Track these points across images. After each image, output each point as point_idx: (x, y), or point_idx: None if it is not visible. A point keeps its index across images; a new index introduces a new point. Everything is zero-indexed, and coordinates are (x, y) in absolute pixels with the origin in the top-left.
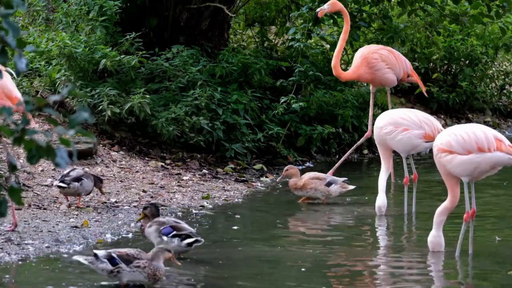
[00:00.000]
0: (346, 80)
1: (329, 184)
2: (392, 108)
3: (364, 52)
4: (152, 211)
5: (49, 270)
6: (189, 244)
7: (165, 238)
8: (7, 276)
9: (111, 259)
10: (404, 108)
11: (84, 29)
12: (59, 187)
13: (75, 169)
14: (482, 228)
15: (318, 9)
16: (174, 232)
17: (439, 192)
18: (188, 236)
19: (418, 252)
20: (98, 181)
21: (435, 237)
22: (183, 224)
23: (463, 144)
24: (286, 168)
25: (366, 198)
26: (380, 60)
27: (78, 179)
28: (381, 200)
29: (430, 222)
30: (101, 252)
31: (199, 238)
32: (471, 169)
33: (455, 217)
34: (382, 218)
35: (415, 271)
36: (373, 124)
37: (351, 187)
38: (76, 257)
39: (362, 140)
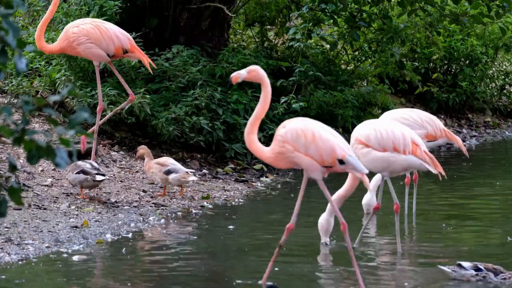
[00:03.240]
0: (51, 53)
1: (168, 172)
2: (392, 108)
3: (67, 26)
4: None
5: (49, 270)
6: None
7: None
8: (6, 276)
9: (476, 269)
10: (406, 108)
11: None
12: (99, 181)
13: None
14: (492, 229)
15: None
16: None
17: (440, 192)
18: None
19: (418, 252)
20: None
21: (326, 220)
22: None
23: (380, 140)
24: (138, 148)
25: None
26: (80, 35)
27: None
28: (367, 199)
29: (431, 222)
30: (466, 264)
31: None
32: (383, 167)
33: (453, 217)
34: (382, 218)
35: (415, 271)
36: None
37: (193, 178)
38: (439, 266)
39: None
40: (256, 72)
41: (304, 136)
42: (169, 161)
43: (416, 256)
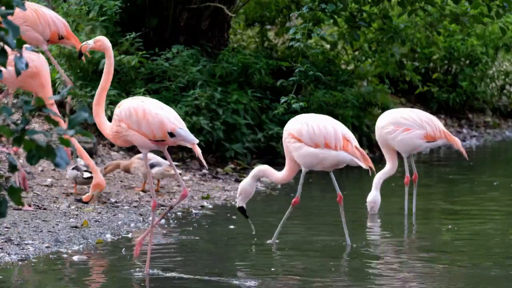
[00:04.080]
0: None
1: (151, 166)
2: (392, 108)
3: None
4: None
5: (49, 270)
6: None
7: None
8: (6, 276)
9: None
10: (405, 108)
11: (84, 29)
12: (86, 178)
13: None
14: (492, 229)
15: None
16: None
17: (439, 192)
18: None
19: (418, 252)
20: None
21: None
22: None
23: (312, 136)
24: (105, 166)
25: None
26: (16, 17)
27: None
28: (372, 196)
29: (431, 222)
30: None
31: None
32: (314, 162)
33: (453, 217)
34: (382, 218)
35: (416, 270)
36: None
37: (173, 172)
38: None
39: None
40: (101, 42)
41: (136, 114)
42: (151, 155)
43: (416, 256)
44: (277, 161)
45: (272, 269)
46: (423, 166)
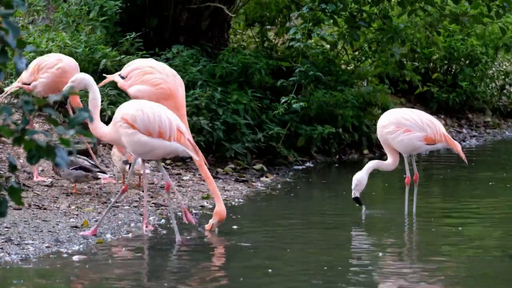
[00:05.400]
0: None
1: (126, 162)
2: (392, 108)
3: None
4: None
5: (49, 270)
6: None
7: None
8: (6, 276)
9: None
10: (407, 108)
11: (84, 29)
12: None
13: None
14: (491, 229)
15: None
16: None
17: (440, 192)
18: None
19: (418, 252)
20: None
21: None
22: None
23: (147, 124)
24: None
25: (367, 202)
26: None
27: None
28: (359, 176)
29: (431, 222)
30: None
31: None
32: (146, 150)
33: (453, 217)
34: (382, 218)
35: (415, 270)
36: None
37: (148, 171)
38: None
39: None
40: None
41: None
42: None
43: (416, 256)
44: (277, 161)
45: (270, 270)
46: (423, 165)
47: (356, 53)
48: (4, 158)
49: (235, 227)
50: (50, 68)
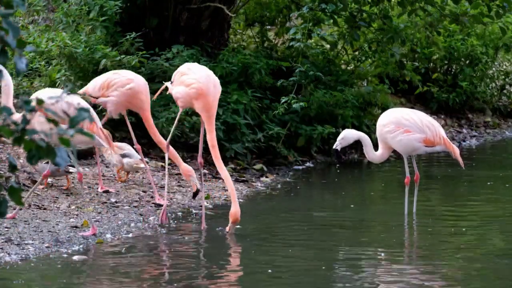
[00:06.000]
0: None
1: (124, 156)
2: (392, 107)
3: None
4: None
5: (49, 270)
6: None
7: None
8: (6, 276)
9: None
10: (408, 109)
11: (84, 29)
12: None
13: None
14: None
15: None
16: None
17: (439, 192)
18: None
19: (418, 252)
20: None
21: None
22: None
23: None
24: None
25: (367, 202)
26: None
27: None
28: (350, 132)
29: (431, 222)
30: None
31: None
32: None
33: (453, 217)
34: (382, 218)
35: (416, 270)
36: None
37: (142, 165)
38: None
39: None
40: None
41: None
42: (127, 147)
43: (416, 255)
44: (277, 161)
45: (269, 270)
46: (423, 165)
47: (356, 53)
48: (4, 158)
49: (239, 226)
50: (121, 87)
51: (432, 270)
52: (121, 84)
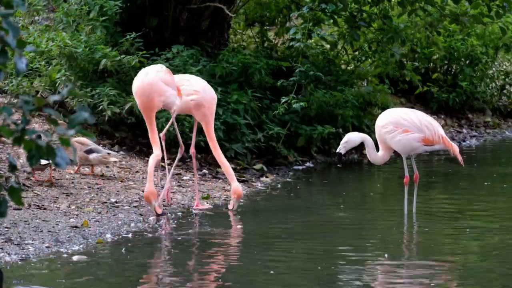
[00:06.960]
0: None
1: (89, 151)
2: (392, 107)
3: None
4: None
5: (49, 270)
6: None
7: None
8: (6, 276)
9: None
10: (406, 108)
11: (84, 29)
12: (42, 164)
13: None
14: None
15: None
16: None
17: (439, 192)
18: None
19: (417, 251)
20: None
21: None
22: None
23: None
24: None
25: (367, 202)
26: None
27: None
28: (353, 135)
29: (431, 222)
30: None
31: None
32: None
33: (453, 217)
34: (382, 218)
35: (415, 270)
36: None
37: (114, 159)
38: None
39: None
40: None
41: None
42: (87, 141)
43: (415, 255)
44: (277, 161)
45: (272, 271)
46: (422, 165)
47: (356, 53)
48: (4, 158)
49: (234, 227)
50: (185, 95)
51: (432, 269)
52: (186, 93)
